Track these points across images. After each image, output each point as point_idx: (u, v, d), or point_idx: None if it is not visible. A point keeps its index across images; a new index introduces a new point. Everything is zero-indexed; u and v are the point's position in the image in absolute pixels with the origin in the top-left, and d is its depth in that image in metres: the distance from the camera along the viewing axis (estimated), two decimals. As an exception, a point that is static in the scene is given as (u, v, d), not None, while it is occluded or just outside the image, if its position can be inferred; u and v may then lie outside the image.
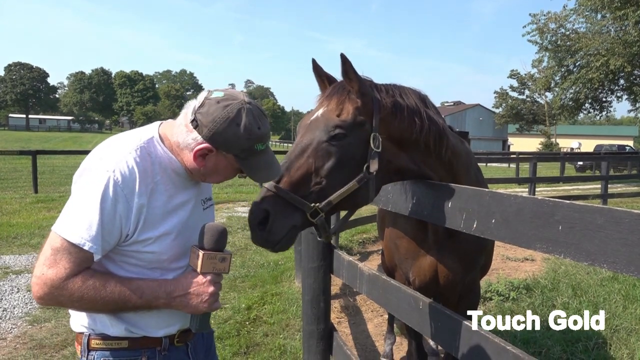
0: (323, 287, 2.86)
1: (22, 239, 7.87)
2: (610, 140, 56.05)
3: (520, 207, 1.39)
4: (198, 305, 1.47)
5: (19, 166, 19.33)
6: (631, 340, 4.23)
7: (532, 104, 54.95)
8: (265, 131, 1.48)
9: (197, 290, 1.46)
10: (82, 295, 1.36)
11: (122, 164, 1.40)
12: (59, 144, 49.70)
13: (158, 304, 1.46)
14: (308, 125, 1.77)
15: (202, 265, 1.45)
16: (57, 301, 1.37)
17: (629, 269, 1.08)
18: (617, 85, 24.51)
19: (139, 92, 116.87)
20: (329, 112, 1.76)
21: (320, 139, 1.70)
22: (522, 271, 6.76)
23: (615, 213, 1.11)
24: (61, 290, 1.34)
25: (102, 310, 1.44)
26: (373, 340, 4.50)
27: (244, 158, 1.47)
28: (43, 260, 1.35)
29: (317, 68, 1.92)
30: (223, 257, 1.48)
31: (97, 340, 1.50)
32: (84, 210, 1.36)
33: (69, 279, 1.34)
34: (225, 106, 1.42)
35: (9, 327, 4.54)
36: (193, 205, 1.59)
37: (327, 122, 1.72)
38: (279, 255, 7.25)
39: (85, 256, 1.36)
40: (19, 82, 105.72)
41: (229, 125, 1.41)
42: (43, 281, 1.34)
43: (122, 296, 1.40)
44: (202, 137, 1.43)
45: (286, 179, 1.65)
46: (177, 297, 1.46)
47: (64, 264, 1.34)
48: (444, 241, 2.34)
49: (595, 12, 21.62)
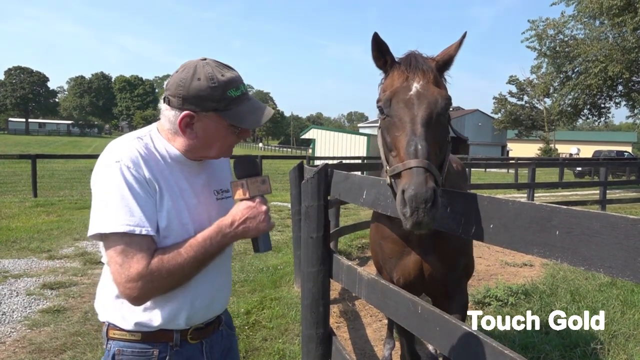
0: (322, 291, 2.87)
1: (21, 243, 7.86)
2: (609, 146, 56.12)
3: (518, 212, 1.40)
4: (259, 226, 1.55)
5: (19, 170, 19.32)
6: (629, 345, 4.23)
7: (531, 109, 55.00)
8: (231, 76, 1.51)
9: (253, 213, 1.54)
10: (169, 270, 1.41)
11: (126, 153, 1.45)
12: (58, 148, 49.65)
13: (227, 239, 1.52)
14: (414, 99, 1.76)
15: (250, 189, 1.55)
16: (154, 288, 1.40)
17: (624, 274, 1.10)
18: (616, 92, 24.53)
19: (138, 97, 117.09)
20: (428, 84, 1.80)
21: (438, 111, 1.73)
22: (520, 276, 6.76)
23: (611, 218, 1.13)
24: (150, 276, 1.38)
25: (191, 273, 1.48)
26: (372, 345, 4.50)
27: (223, 109, 1.50)
28: (117, 269, 1.38)
29: (380, 42, 1.91)
30: (263, 180, 1.60)
31: (114, 330, 1.56)
32: (117, 203, 1.38)
33: (149, 264, 1.38)
34: (183, 70, 1.50)
35: (8, 331, 4.53)
36: (199, 193, 1.61)
37: (436, 95, 1.76)
38: (278, 259, 7.25)
39: (146, 240, 1.40)
40: (19, 86, 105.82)
41: (191, 82, 1.46)
42: (132, 280, 1.36)
43: (198, 251, 1.46)
44: (177, 108, 1.49)
45: (430, 156, 1.61)
46: (239, 225, 1.52)
47: (136, 256, 1.37)
48: (429, 241, 2.41)
49: (593, 18, 21.69)
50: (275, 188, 18.61)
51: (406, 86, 1.80)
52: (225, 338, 1.80)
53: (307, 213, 2.82)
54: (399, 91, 1.80)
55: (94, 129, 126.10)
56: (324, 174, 2.80)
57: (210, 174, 1.68)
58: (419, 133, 1.64)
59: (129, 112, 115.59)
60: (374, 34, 1.88)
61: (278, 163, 27.42)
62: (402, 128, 1.71)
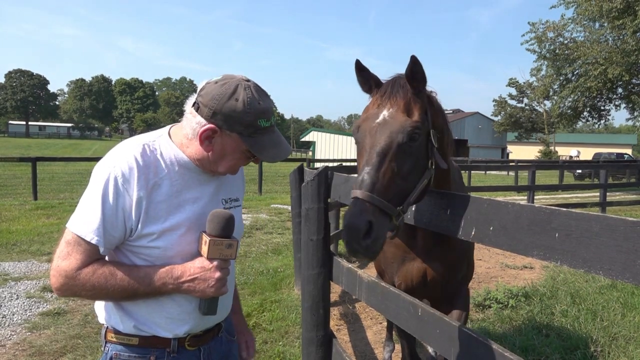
0: (322, 294, 2.87)
1: (21, 246, 7.86)
2: (609, 149, 56.23)
3: (518, 214, 1.41)
4: (205, 290, 1.50)
5: (19, 173, 19.36)
6: (630, 348, 4.23)
7: (530, 112, 55.00)
8: (266, 106, 1.49)
9: (204, 276, 1.49)
10: (93, 284, 1.44)
11: (123, 160, 1.45)
12: (58, 150, 49.71)
13: (167, 290, 1.50)
14: (378, 128, 1.74)
15: (209, 250, 1.48)
16: (72, 291, 1.45)
17: (624, 276, 1.10)
18: (616, 94, 24.55)
19: (139, 100, 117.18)
20: (397, 112, 1.75)
21: (399, 141, 1.68)
22: (521, 279, 6.76)
23: (611, 221, 1.13)
24: (74, 280, 1.42)
25: (115, 298, 1.50)
26: (372, 348, 4.50)
27: (248, 135, 1.48)
28: (58, 253, 1.45)
29: (361, 68, 1.92)
30: (229, 244, 1.51)
31: (112, 334, 1.57)
32: (89, 206, 1.44)
33: (80, 269, 1.43)
34: (223, 84, 1.47)
35: (8, 333, 4.53)
36: (207, 202, 1.59)
37: (402, 124, 1.71)
38: (278, 262, 7.26)
39: (93, 248, 1.44)
40: (19, 89, 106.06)
41: (228, 100, 1.44)
42: (59, 272, 1.43)
43: (131, 284, 1.46)
44: (204, 117, 1.46)
45: (378, 188, 1.61)
46: (184, 282, 1.49)
47: (75, 256, 1.43)
48: (433, 247, 2.42)
49: (593, 21, 21.73)
50: (276, 191, 18.64)
51: (374, 114, 1.79)
52: (225, 344, 1.79)
53: (307, 215, 2.83)
54: (367, 118, 1.81)
55: (94, 132, 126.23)
56: (324, 176, 2.80)
57: (220, 183, 1.67)
58: (371, 163, 1.65)
59: (129, 114, 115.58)
60: (355, 62, 1.90)
61: (278, 165, 27.44)
62: (362, 156, 1.74)
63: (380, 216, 1.58)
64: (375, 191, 1.60)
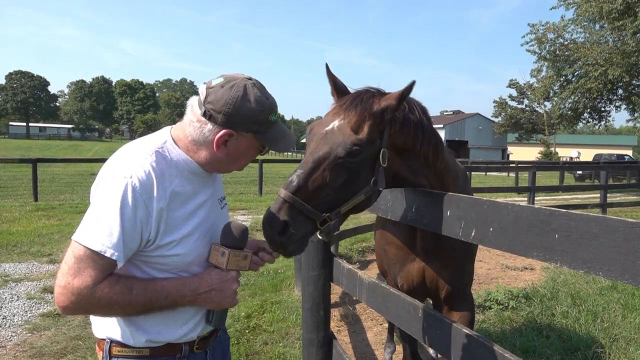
0: (323, 295, 2.87)
1: (21, 247, 7.86)
2: (609, 150, 56.20)
3: (518, 215, 1.41)
4: (221, 301, 1.51)
5: (19, 174, 19.35)
6: (630, 349, 4.23)
7: (531, 113, 55.05)
8: (272, 101, 1.53)
9: (222, 287, 1.50)
10: (109, 301, 1.35)
11: (139, 169, 1.39)
12: (59, 152, 49.74)
13: (184, 302, 1.47)
14: (324, 136, 1.75)
15: (229, 262, 1.49)
16: (84, 309, 1.36)
17: (623, 277, 1.10)
18: (616, 95, 24.56)
19: (139, 101, 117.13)
20: (346, 126, 1.75)
21: (337, 154, 1.68)
22: (521, 280, 6.76)
23: (610, 222, 1.13)
24: (89, 298, 1.32)
25: (131, 313, 1.43)
26: (372, 349, 4.50)
27: (263, 132, 1.51)
28: (67, 269, 1.33)
29: (330, 75, 1.95)
30: (245, 255, 1.54)
31: (119, 348, 1.51)
32: (104, 218, 1.35)
33: (96, 286, 1.33)
34: (231, 87, 1.45)
35: (9, 335, 4.54)
36: (211, 204, 1.61)
37: (345, 138, 1.71)
38: (279, 263, 7.25)
39: (109, 263, 1.34)
40: (20, 90, 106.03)
41: (242, 103, 1.44)
42: (69, 291, 1.32)
43: (149, 298, 1.41)
44: (219, 124, 1.45)
45: (302, 191, 1.64)
46: (202, 293, 1.48)
47: (89, 272, 1.32)
48: (432, 248, 2.42)
49: (593, 22, 21.73)
50: (276, 192, 18.58)
51: (327, 121, 1.80)
52: (223, 343, 1.81)
53: (307, 217, 2.83)
54: (320, 124, 1.82)
55: (95, 133, 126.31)
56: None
57: (215, 184, 1.69)
58: (305, 167, 1.67)
59: (129, 116, 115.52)
60: (325, 65, 1.93)
61: (279, 167, 27.41)
62: (305, 157, 1.77)
63: (298, 217, 1.61)
64: (300, 194, 1.63)
